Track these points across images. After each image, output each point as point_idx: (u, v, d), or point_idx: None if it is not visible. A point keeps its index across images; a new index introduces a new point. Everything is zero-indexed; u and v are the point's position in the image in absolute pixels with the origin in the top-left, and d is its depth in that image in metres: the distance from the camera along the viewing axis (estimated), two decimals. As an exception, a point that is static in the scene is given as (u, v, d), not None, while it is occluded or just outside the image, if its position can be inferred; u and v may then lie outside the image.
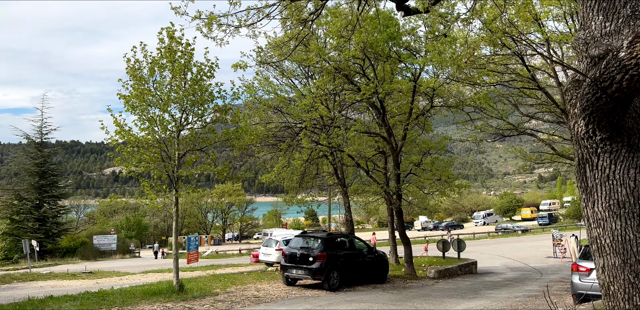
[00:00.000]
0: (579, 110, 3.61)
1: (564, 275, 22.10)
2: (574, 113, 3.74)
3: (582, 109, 3.53)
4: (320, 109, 15.70)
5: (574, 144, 3.90)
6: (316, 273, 14.44)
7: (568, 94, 3.81)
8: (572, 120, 3.79)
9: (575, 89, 3.75)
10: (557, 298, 14.08)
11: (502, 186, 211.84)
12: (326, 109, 16.34)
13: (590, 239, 3.93)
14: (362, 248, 16.56)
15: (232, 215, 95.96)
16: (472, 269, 22.91)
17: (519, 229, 68.07)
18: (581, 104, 3.56)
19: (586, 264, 11.26)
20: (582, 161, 3.77)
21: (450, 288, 16.29)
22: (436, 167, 21.39)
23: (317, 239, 15.29)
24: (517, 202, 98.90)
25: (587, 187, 3.73)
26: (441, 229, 79.38)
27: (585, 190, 3.74)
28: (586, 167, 3.72)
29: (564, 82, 18.02)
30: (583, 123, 3.60)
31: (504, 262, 29.92)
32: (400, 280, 17.76)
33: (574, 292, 11.26)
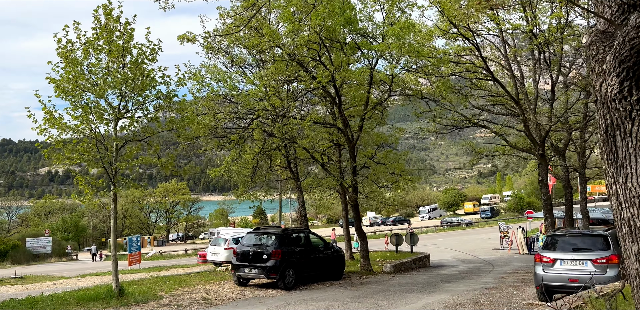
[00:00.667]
0: (611, 65, 3.00)
1: (515, 266, 22.38)
2: (600, 70, 3.13)
3: (617, 62, 2.92)
4: (272, 98, 14.80)
5: (598, 108, 3.30)
6: (271, 271, 13.56)
7: (593, 48, 3.20)
8: (598, 79, 3.19)
9: (602, 41, 3.14)
10: (516, 290, 13.95)
11: (444, 182, 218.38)
12: (278, 99, 15.45)
13: (619, 221, 3.32)
14: (318, 244, 15.83)
15: (177, 215, 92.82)
16: (426, 263, 22.77)
17: (464, 223, 69.93)
18: (616, 57, 2.95)
19: (549, 254, 11.05)
20: (611, 128, 3.17)
21: (408, 282, 15.87)
22: (390, 161, 21.06)
23: (272, 236, 14.40)
24: (460, 196, 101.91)
25: (617, 158, 3.13)
26: (389, 224, 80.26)
27: (615, 163, 3.14)
28: (617, 134, 3.12)
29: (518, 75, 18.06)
30: (616, 80, 2.99)
31: (454, 254, 30.18)
32: (357, 276, 17.19)
33: (538, 283, 11.02)
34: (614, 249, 10.48)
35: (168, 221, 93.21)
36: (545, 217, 18.06)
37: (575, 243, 11.07)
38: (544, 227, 18.03)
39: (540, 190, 18.00)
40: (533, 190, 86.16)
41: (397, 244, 24.13)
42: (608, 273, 10.19)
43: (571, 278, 10.54)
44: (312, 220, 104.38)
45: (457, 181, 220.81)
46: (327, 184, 18.00)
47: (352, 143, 17.22)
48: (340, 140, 18.45)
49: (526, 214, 38.59)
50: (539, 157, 17.87)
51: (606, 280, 10.12)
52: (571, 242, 11.13)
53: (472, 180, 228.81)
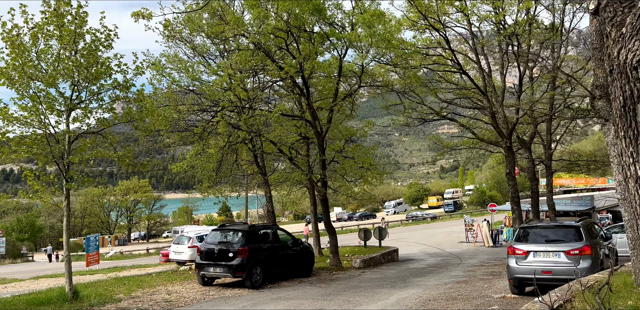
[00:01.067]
0: (632, 27, 2.61)
1: (482, 259, 22.49)
2: (619, 35, 2.75)
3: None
4: (237, 89, 14.10)
5: (613, 79, 2.92)
6: (237, 270, 12.96)
7: (609, 10, 2.81)
8: (615, 45, 2.81)
9: (620, 1, 2.75)
10: (486, 283, 13.84)
11: (408, 177, 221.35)
12: (244, 91, 14.77)
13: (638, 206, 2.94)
14: (286, 240, 15.32)
15: (139, 214, 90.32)
16: (394, 257, 22.61)
17: (428, 217, 70.92)
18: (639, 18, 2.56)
19: (522, 246, 10.90)
20: (630, 100, 2.79)
21: (378, 277, 15.57)
22: (358, 155, 20.73)
23: (238, 232, 13.78)
24: (424, 191, 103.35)
25: (637, 135, 2.75)
26: (355, 219, 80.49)
27: (635, 141, 2.77)
28: (638, 108, 2.75)
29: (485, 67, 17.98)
30: (639, 45, 2.60)
31: (421, 248, 30.24)
32: (327, 272, 16.78)
33: (511, 276, 10.86)
34: (586, 240, 10.42)
35: (129, 220, 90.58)
36: (513, 209, 18.11)
37: (547, 235, 10.96)
38: (512, 220, 18.08)
39: (508, 182, 18.03)
40: (494, 184, 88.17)
41: (365, 239, 23.89)
42: (581, 264, 10.11)
43: (545, 270, 10.42)
44: (278, 217, 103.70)
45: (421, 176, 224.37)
46: (295, 179, 17.46)
47: (321, 136, 16.75)
48: (309, 134, 17.95)
49: (489, 207, 39.11)
50: (507, 149, 17.88)
51: (579, 271, 10.03)
52: (544, 234, 11.02)
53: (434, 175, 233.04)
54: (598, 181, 41.50)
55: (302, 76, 14.94)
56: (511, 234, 32.20)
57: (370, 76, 16.52)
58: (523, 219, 18.14)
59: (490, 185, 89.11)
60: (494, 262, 20.65)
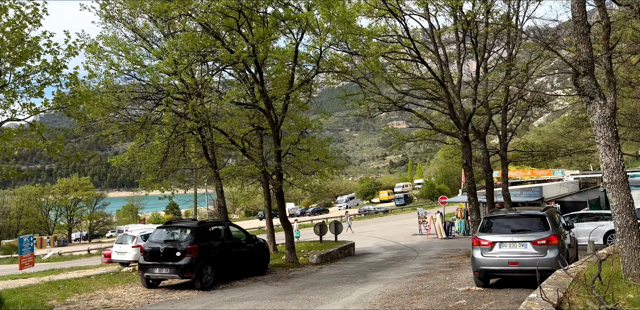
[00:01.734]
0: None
1: (437, 251, 22.38)
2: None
3: None
4: (183, 74, 12.93)
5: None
6: (185, 270, 11.90)
7: None
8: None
9: None
10: (447, 275, 13.47)
11: (359, 172, 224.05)
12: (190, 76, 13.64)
13: None
14: (240, 236, 14.35)
15: (80, 213, 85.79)
16: (351, 251, 22.10)
17: (380, 210, 71.44)
18: None
19: (488, 237, 10.51)
20: None
21: (336, 273, 14.91)
22: (314, 147, 20.02)
23: (186, 229, 12.70)
24: (376, 185, 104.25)
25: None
26: (308, 214, 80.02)
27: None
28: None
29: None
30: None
31: (376, 241, 29.99)
32: (283, 270, 15.95)
33: (476, 268, 10.44)
34: (552, 229, 10.15)
35: (70, 219, 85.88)
36: (470, 200, 17.94)
37: (512, 224, 10.62)
38: (469, 211, 17.91)
39: (464, 173, 17.84)
40: (443, 178, 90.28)
41: (321, 234, 23.26)
42: (548, 254, 9.81)
43: (511, 261, 10.06)
44: (229, 214, 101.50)
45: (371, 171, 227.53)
46: (248, 172, 16.46)
47: (276, 126, 15.84)
48: (263, 124, 17.02)
49: (440, 199, 39.48)
50: (463, 139, 17.66)
51: (547, 262, 9.74)
52: (508, 224, 10.68)
53: (384, 170, 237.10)
54: (544, 173, 42.90)
55: (256, 61, 13.94)
56: (463, 225, 32.62)
57: (328, 64, 15.74)
58: (480, 210, 18.00)
59: (439, 178, 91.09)
60: (450, 254, 20.54)
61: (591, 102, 6.55)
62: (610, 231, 17.93)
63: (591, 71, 6.34)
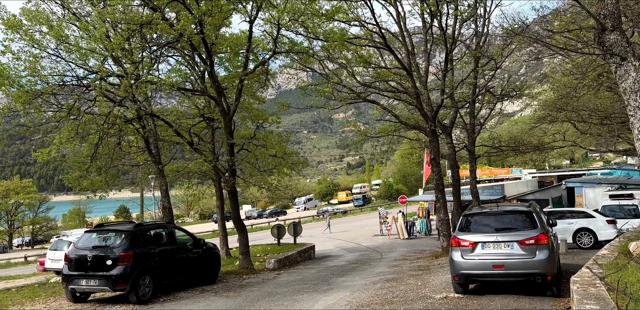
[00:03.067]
0: None
1: (402, 252, 21.23)
2: None
3: None
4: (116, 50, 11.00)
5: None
6: (118, 282, 10.06)
7: None
8: None
9: None
10: (419, 280, 12.18)
11: (316, 174, 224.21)
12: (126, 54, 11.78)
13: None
14: (185, 241, 12.58)
15: (21, 217, 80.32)
16: (311, 254, 20.60)
17: (339, 211, 70.38)
18: None
19: (469, 236, 9.25)
20: None
21: (296, 280, 13.37)
22: (271, 142, 18.48)
23: (120, 234, 10.83)
24: (334, 186, 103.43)
25: None
26: (265, 216, 77.97)
27: None
28: None
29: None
30: None
31: (336, 243, 28.65)
32: (236, 277, 14.25)
33: (456, 273, 9.16)
34: (541, 227, 9.00)
35: (10, 224, 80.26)
36: (438, 197, 16.83)
37: (496, 222, 9.42)
38: (437, 209, 16.81)
39: (432, 169, 16.72)
40: (401, 178, 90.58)
41: (279, 236, 21.64)
42: (538, 256, 8.64)
43: (496, 264, 8.84)
44: (182, 217, 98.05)
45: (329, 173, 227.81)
46: (197, 168, 14.69)
47: (229, 116, 14.13)
48: (214, 114, 15.28)
49: (400, 199, 38.59)
50: (431, 133, 16.54)
51: (536, 264, 8.57)
52: (491, 222, 9.46)
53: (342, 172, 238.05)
54: (502, 172, 42.96)
55: (204, 39, 12.18)
56: (425, 225, 31.78)
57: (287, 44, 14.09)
58: (448, 208, 16.93)
59: (397, 179, 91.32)
60: (415, 255, 19.41)
61: (622, 64, 5.36)
62: (579, 229, 17.26)
63: (619, 26, 5.18)
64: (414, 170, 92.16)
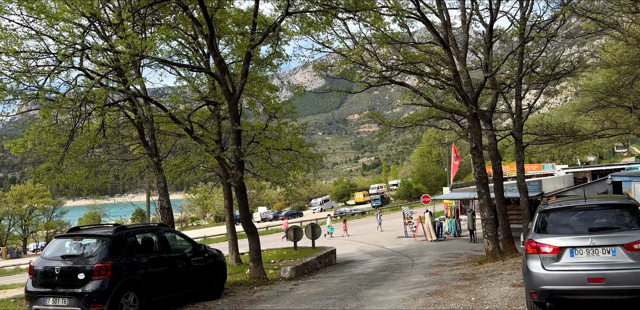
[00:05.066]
0: None
1: (434, 256, 18.81)
2: None
3: None
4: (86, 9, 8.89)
5: None
6: (92, 301, 7.90)
7: None
8: None
9: None
10: (471, 294, 9.78)
11: (332, 175, 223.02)
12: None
13: None
14: (182, 248, 10.39)
15: (35, 222, 79.50)
16: (332, 259, 18.32)
17: (357, 212, 68.04)
18: None
19: (551, 240, 6.85)
20: None
21: (317, 293, 11.07)
22: (284, 134, 16.31)
23: (97, 240, 8.67)
24: (351, 187, 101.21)
25: None
26: (281, 218, 75.89)
27: None
28: None
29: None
30: None
31: (358, 246, 26.33)
32: (245, 289, 12.00)
33: (535, 288, 6.78)
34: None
35: (24, 229, 79.50)
36: (480, 193, 14.41)
37: (587, 221, 7.01)
38: (481, 206, 14.39)
39: (473, 160, 14.33)
40: (420, 177, 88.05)
41: (295, 239, 19.39)
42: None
43: (593, 277, 6.44)
44: (197, 220, 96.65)
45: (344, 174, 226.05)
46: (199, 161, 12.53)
47: (234, 97, 11.93)
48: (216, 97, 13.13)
49: (422, 198, 36.02)
50: (472, 117, 14.14)
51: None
52: (581, 220, 7.06)
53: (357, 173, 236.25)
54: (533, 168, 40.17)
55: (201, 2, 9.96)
56: (454, 225, 29.23)
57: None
58: (498, 205, 14.50)
59: (415, 178, 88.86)
60: (452, 260, 17.00)
61: None
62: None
63: None
64: (433, 169, 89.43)
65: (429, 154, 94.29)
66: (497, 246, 14.11)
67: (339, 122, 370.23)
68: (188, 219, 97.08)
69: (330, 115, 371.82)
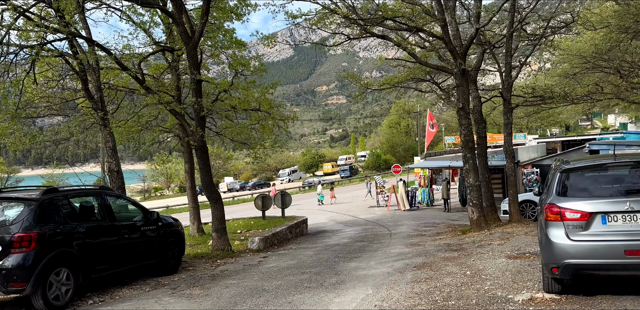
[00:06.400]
0: None
1: (411, 226, 17.85)
2: None
3: None
4: None
5: None
6: (11, 279, 6.34)
7: None
8: None
9: None
10: (463, 267, 8.67)
11: (299, 147, 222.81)
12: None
13: None
14: (131, 216, 8.84)
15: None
16: (304, 230, 17.11)
17: (325, 182, 67.23)
18: None
19: (579, 204, 5.64)
20: None
21: (290, 266, 9.77)
22: (252, 95, 14.71)
23: (21, 204, 7.01)
24: (320, 157, 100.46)
25: None
26: (248, 188, 74.51)
27: None
28: None
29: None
30: None
31: (329, 216, 25.28)
32: (207, 263, 10.59)
33: (558, 262, 5.61)
34: None
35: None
36: (465, 158, 13.28)
37: (623, 181, 5.82)
38: (466, 172, 13.27)
39: (460, 121, 13.08)
40: (389, 148, 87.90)
41: (263, 208, 18.02)
42: None
43: (631, 249, 5.29)
44: (161, 190, 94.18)
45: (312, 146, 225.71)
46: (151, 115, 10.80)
47: (194, 40, 10.13)
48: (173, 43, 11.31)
49: (393, 168, 35.12)
50: (460, 74, 12.81)
51: None
52: (614, 180, 5.87)
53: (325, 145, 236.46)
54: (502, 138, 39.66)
55: None
56: (427, 195, 28.46)
57: None
58: (480, 171, 13.41)
59: (384, 149, 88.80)
60: (431, 230, 16.04)
61: None
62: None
63: None
64: (402, 140, 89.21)
65: (397, 125, 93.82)
66: (483, 214, 13.11)
67: (307, 94, 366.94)
68: (152, 189, 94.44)
69: (298, 86, 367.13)
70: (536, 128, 62.43)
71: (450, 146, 59.11)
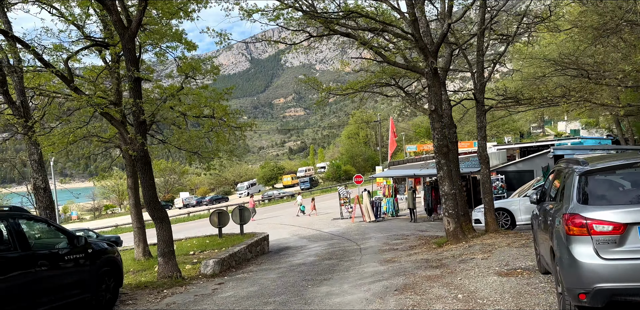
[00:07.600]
0: None
1: (381, 239, 16.66)
2: None
3: None
4: None
5: None
6: None
7: None
8: None
9: None
10: (454, 288, 7.50)
11: (258, 160, 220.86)
12: None
13: None
14: (53, 242, 7.20)
15: None
16: (265, 247, 15.59)
17: (286, 195, 65.74)
18: None
19: (608, 214, 4.55)
20: None
21: (250, 296, 8.30)
22: (206, 99, 13.31)
23: None
24: (279, 170, 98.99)
25: None
26: (205, 203, 71.88)
27: None
28: None
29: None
30: None
31: (291, 231, 23.83)
32: (152, 294, 8.95)
33: (585, 287, 4.50)
34: None
35: None
36: (439, 164, 12.26)
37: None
38: (440, 180, 12.22)
39: (432, 125, 12.07)
40: (348, 159, 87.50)
41: (220, 225, 16.39)
42: None
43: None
44: (113, 208, 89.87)
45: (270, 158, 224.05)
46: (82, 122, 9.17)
47: (130, 30, 8.61)
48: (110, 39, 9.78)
49: (355, 178, 34.15)
50: (432, 74, 11.83)
51: None
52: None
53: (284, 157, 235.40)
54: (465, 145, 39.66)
55: None
56: (391, 205, 27.49)
57: None
58: (453, 179, 12.37)
59: (344, 160, 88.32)
60: (402, 243, 14.90)
61: None
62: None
63: None
64: (361, 150, 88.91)
65: (356, 135, 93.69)
66: (459, 225, 12.08)
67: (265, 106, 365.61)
68: (102, 207, 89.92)
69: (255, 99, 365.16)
70: (492, 135, 63.39)
71: (411, 155, 59.09)
